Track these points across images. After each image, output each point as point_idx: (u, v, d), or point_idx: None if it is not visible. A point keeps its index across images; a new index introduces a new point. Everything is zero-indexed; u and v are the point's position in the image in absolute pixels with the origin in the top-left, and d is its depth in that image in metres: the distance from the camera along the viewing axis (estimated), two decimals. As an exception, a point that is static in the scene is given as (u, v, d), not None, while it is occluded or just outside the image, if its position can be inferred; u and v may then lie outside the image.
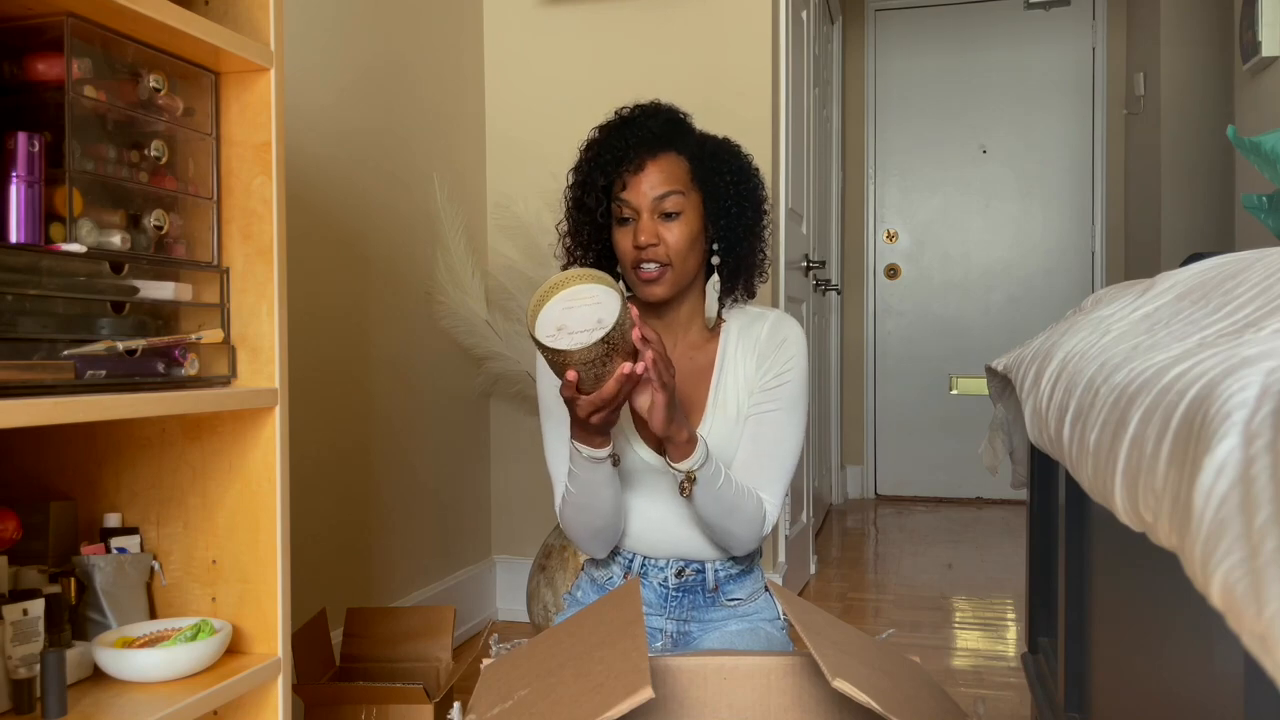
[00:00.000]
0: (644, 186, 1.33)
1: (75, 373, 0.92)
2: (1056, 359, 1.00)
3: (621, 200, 1.34)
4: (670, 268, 1.33)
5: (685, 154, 1.36)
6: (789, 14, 2.81)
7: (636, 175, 1.33)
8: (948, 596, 3.03)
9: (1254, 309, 0.71)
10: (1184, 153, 3.59)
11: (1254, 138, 1.46)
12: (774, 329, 1.41)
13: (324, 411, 2.06)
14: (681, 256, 1.34)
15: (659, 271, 1.33)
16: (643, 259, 1.33)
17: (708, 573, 1.40)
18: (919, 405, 4.73)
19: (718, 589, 1.41)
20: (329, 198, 2.09)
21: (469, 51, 2.71)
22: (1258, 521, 0.40)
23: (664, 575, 1.40)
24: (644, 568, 1.41)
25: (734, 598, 1.42)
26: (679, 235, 1.33)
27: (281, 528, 1.12)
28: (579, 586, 1.50)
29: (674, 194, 1.33)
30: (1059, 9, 4.47)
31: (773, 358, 1.39)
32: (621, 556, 1.43)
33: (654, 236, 1.32)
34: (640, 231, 1.32)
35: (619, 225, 1.36)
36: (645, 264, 1.33)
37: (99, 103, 0.97)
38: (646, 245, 1.32)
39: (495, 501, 2.82)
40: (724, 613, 1.41)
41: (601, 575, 1.45)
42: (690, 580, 1.40)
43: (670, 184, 1.33)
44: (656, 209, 1.33)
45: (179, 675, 1.03)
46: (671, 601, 1.40)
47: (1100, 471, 0.67)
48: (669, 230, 1.33)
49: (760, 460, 1.37)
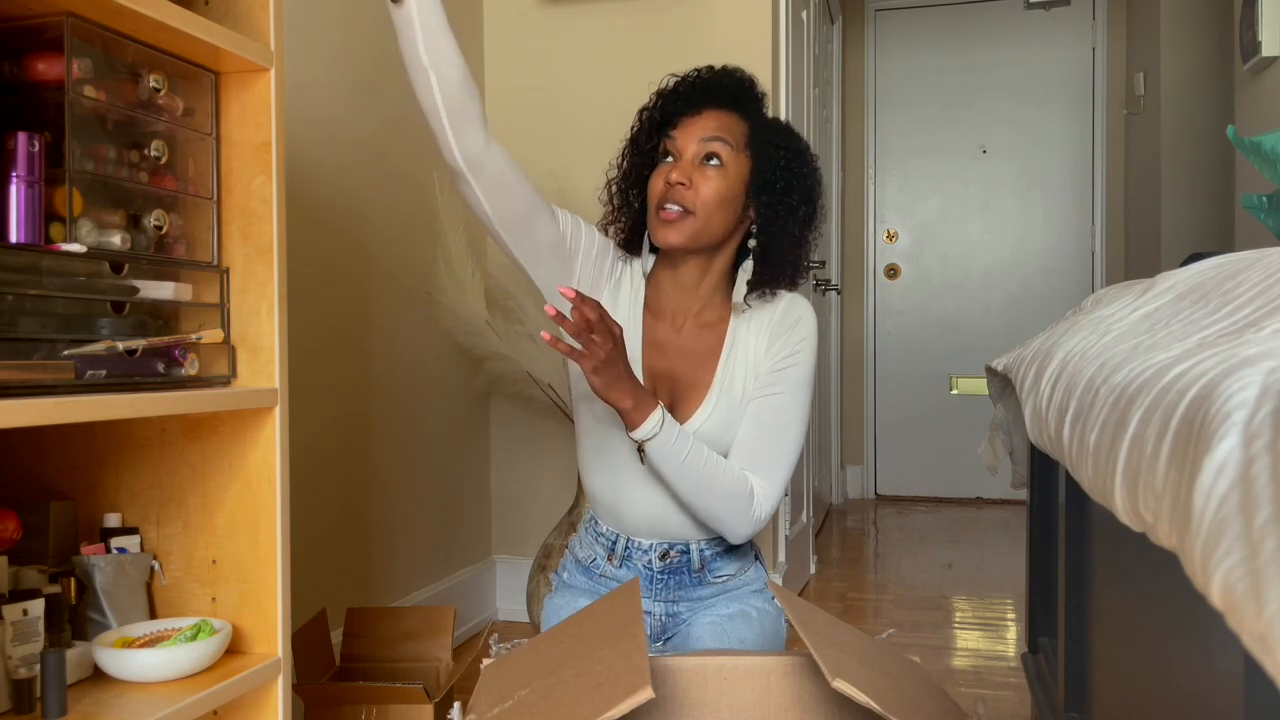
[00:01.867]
0: (695, 128, 1.30)
1: (75, 373, 0.92)
2: (1056, 359, 1.00)
3: (670, 138, 1.31)
4: (693, 216, 1.28)
5: (747, 118, 1.33)
6: (789, 14, 2.81)
7: (693, 118, 1.30)
8: (948, 596, 3.03)
9: (1254, 309, 0.71)
10: (1184, 153, 3.59)
11: (1254, 138, 1.46)
12: (788, 310, 1.37)
13: (324, 411, 2.06)
14: (708, 210, 1.28)
15: (679, 215, 1.28)
16: (668, 198, 1.28)
17: (693, 553, 1.38)
18: (919, 405, 4.73)
19: (704, 568, 1.38)
20: (329, 198, 2.09)
21: (469, 51, 2.71)
22: (1258, 521, 0.40)
23: (648, 558, 1.38)
24: (628, 549, 1.39)
25: (722, 574, 1.40)
26: (713, 186, 1.28)
27: (281, 528, 1.12)
28: (564, 568, 1.48)
29: (722, 141, 1.29)
30: (1059, 9, 4.47)
31: (784, 339, 1.35)
32: (604, 538, 1.41)
33: (686, 177, 1.28)
34: (675, 169, 1.28)
35: (660, 163, 1.32)
36: (669, 204, 1.28)
37: (99, 103, 0.97)
38: (675, 183, 1.27)
39: (495, 501, 2.82)
40: (712, 590, 1.39)
41: (585, 555, 1.44)
42: (675, 562, 1.38)
43: (723, 133, 1.29)
44: (700, 152, 1.29)
45: (179, 675, 1.03)
46: (657, 583, 1.38)
47: (1100, 471, 0.67)
48: (704, 178, 1.28)
49: (759, 442, 1.32)
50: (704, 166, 1.29)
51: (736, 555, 1.42)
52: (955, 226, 4.72)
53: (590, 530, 1.45)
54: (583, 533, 1.47)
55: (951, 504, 4.61)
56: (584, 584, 1.44)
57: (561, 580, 1.48)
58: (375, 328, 2.26)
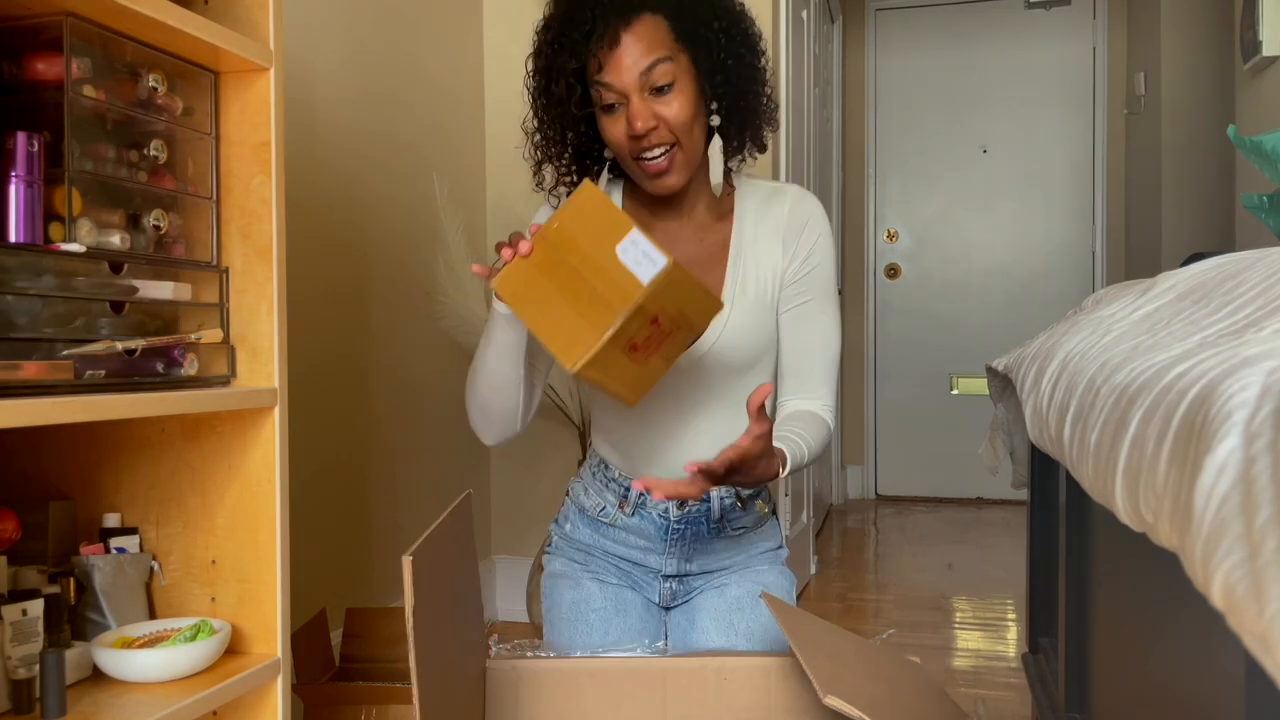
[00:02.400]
0: (625, 62, 1.14)
1: (74, 373, 0.92)
2: (1057, 359, 1.00)
3: (601, 84, 1.16)
4: (678, 147, 1.18)
5: (661, 11, 1.17)
6: (789, 14, 2.80)
7: (614, 51, 1.14)
8: (948, 597, 3.03)
9: (1255, 309, 0.71)
10: (1184, 153, 3.59)
11: (1254, 137, 1.46)
12: (795, 208, 1.27)
13: (324, 411, 2.06)
14: (687, 131, 1.18)
15: (667, 157, 1.18)
16: (644, 147, 1.17)
17: (713, 502, 1.30)
18: (919, 405, 4.73)
19: (723, 518, 1.31)
20: (329, 198, 2.09)
21: (469, 51, 2.71)
22: (1258, 521, 0.39)
23: (665, 506, 1.28)
24: (643, 497, 1.30)
25: (740, 526, 1.33)
26: (679, 108, 1.16)
27: (281, 528, 1.12)
28: (565, 518, 1.38)
29: (661, 62, 1.15)
30: (1059, 9, 4.47)
31: (798, 241, 1.26)
32: (616, 484, 1.32)
33: (651, 118, 1.15)
34: (634, 116, 1.15)
35: (604, 113, 1.18)
36: (648, 152, 1.17)
37: (98, 102, 0.97)
38: (645, 131, 1.16)
39: (495, 501, 2.82)
40: (725, 546, 1.33)
41: (593, 504, 1.33)
42: (695, 511, 1.29)
43: (654, 51, 1.15)
44: (645, 85, 1.15)
45: (178, 675, 1.03)
46: (673, 534, 1.30)
47: (1101, 471, 0.67)
48: (666, 105, 1.16)
49: (808, 362, 1.28)
50: (658, 96, 1.16)
51: (754, 508, 1.35)
52: (955, 226, 4.71)
53: (599, 475, 1.34)
54: (589, 478, 1.36)
55: (951, 504, 4.61)
56: (589, 537, 1.35)
57: (563, 532, 1.37)
58: (375, 328, 2.26)
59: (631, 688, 1.16)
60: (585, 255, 0.99)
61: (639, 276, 0.97)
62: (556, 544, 1.39)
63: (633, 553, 1.34)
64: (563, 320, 0.99)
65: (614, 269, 0.98)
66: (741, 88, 1.24)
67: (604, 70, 1.16)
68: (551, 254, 1.01)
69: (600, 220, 1.00)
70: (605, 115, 1.19)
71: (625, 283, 0.97)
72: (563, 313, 0.99)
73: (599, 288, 0.98)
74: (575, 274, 0.99)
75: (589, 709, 1.16)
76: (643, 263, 0.97)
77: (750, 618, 1.30)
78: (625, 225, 0.99)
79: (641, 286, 0.96)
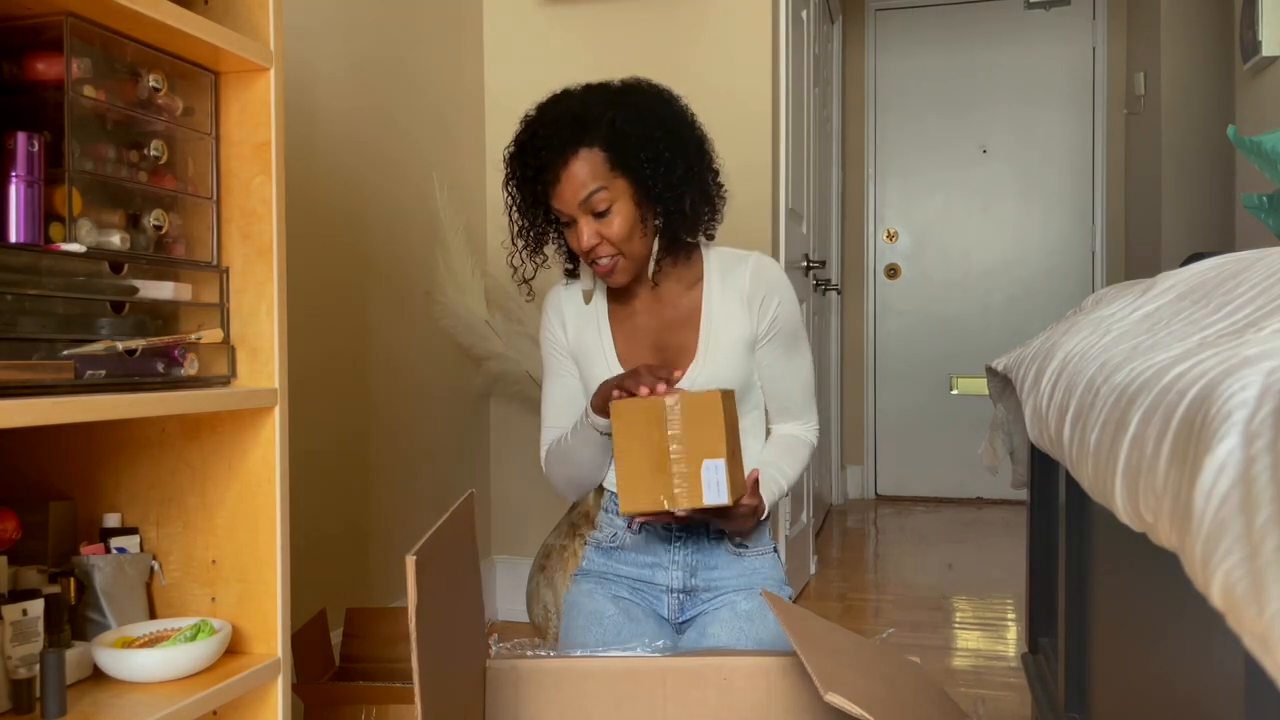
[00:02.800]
0: (566, 194, 1.35)
1: (75, 373, 0.92)
2: (1057, 359, 1.00)
3: (555, 210, 1.38)
4: (621, 256, 1.38)
5: (597, 144, 1.34)
6: (789, 14, 2.80)
7: (558, 186, 1.35)
8: (948, 596, 3.03)
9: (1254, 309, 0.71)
10: (1184, 153, 3.59)
11: (1254, 137, 1.46)
12: (754, 278, 1.44)
13: (324, 411, 2.06)
14: (626, 243, 1.37)
15: (611, 264, 1.38)
16: (593, 257, 1.38)
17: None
18: (919, 405, 4.73)
19: (721, 531, 1.43)
20: (329, 197, 2.09)
21: (469, 51, 2.71)
22: (1258, 521, 0.40)
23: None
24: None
25: (740, 543, 1.44)
26: (617, 227, 1.35)
27: (281, 528, 1.12)
28: (585, 557, 1.52)
29: (597, 192, 1.34)
30: (1059, 9, 4.47)
31: (760, 307, 1.43)
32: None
33: (595, 236, 1.36)
34: (579, 235, 1.36)
35: (565, 227, 1.40)
36: (597, 260, 1.38)
37: (98, 102, 0.97)
38: (590, 247, 1.36)
39: (495, 501, 2.82)
40: (729, 562, 1.43)
41: (605, 535, 1.48)
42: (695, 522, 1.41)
43: (590, 183, 1.34)
44: (587, 210, 1.35)
45: (178, 675, 1.03)
46: (676, 544, 1.43)
47: (1100, 471, 0.67)
48: (606, 226, 1.35)
49: (791, 398, 1.49)
50: (599, 219, 1.36)
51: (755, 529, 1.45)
52: (955, 226, 4.71)
53: (610, 508, 1.50)
54: (601, 517, 1.52)
55: (951, 504, 4.61)
56: (603, 564, 1.47)
57: (581, 570, 1.51)
58: (375, 328, 2.26)
59: (631, 687, 1.16)
60: (683, 443, 1.24)
61: (704, 494, 1.23)
62: (575, 579, 1.52)
63: (642, 571, 1.45)
64: (639, 472, 1.25)
65: (693, 473, 1.24)
66: (680, 190, 1.39)
67: (552, 199, 1.37)
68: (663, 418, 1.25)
69: (709, 427, 1.23)
70: (566, 228, 1.40)
71: (692, 489, 1.23)
72: (642, 466, 1.25)
73: (676, 473, 1.24)
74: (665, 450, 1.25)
75: (589, 709, 1.16)
76: (712, 487, 1.23)
77: (760, 626, 1.37)
78: (720, 450, 1.23)
79: (700, 503, 1.23)
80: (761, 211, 2.61)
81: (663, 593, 1.43)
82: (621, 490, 1.26)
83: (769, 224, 2.62)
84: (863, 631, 2.59)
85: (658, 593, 1.44)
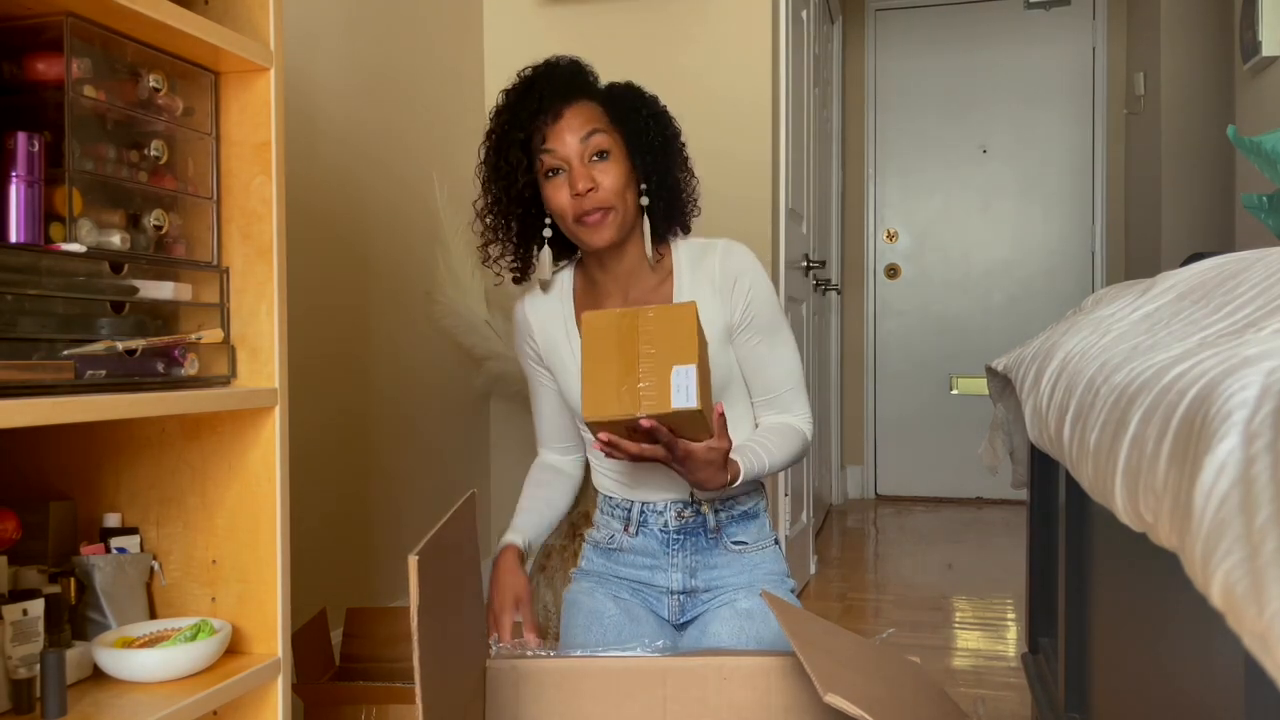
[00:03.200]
0: (568, 133, 1.32)
1: (75, 373, 0.92)
2: (1057, 359, 1.00)
3: (547, 152, 1.33)
4: (614, 210, 1.33)
5: (596, 99, 1.37)
6: (789, 14, 2.80)
7: (557, 124, 1.32)
8: (948, 596, 3.03)
9: (1254, 309, 0.71)
10: (1184, 153, 3.59)
11: (1254, 137, 1.46)
12: (724, 264, 1.40)
13: (324, 411, 2.06)
14: (620, 195, 1.33)
15: (602, 216, 1.33)
16: (584, 207, 1.32)
17: (706, 515, 1.41)
18: (919, 405, 4.73)
19: (720, 530, 1.42)
20: (329, 198, 2.09)
21: (469, 51, 2.71)
22: (1258, 521, 0.40)
23: (664, 519, 1.41)
24: (643, 515, 1.42)
25: (738, 541, 1.43)
26: (614, 175, 1.33)
27: (281, 527, 1.12)
28: (584, 556, 1.51)
29: (598, 132, 1.33)
30: (1059, 9, 4.47)
31: (732, 294, 1.39)
32: (619, 509, 1.45)
33: (590, 180, 1.31)
34: (576, 179, 1.31)
35: (548, 180, 1.34)
36: (588, 216, 1.32)
37: (99, 102, 0.97)
38: (586, 191, 1.31)
39: (495, 501, 2.82)
40: (729, 560, 1.42)
41: (603, 536, 1.47)
42: (691, 523, 1.41)
43: (591, 123, 1.33)
44: (585, 152, 1.32)
45: (179, 675, 1.03)
46: (674, 545, 1.41)
47: (1100, 471, 0.67)
48: (603, 172, 1.32)
49: (778, 389, 1.43)
50: (596, 163, 1.33)
51: (752, 521, 1.45)
52: (955, 226, 4.71)
53: (605, 508, 1.48)
54: (597, 517, 1.50)
55: (951, 504, 4.61)
56: (602, 565, 1.47)
57: (580, 569, 1.50)
58: (375, 327, 2.26)
59: (631, 687, 1.16)
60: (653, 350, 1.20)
61: (673, 399, 1.17)
62: (575, 578, 1.50)
63: (641, 573, 1.44)
64: (605, 380, 1.19)
65: (661, 379, 1.19)
66: (666, 170, 1.40)
67: (549, 140, 1.33)
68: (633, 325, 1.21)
69: (681, 335, 1.19)
70: (550, 181, 1.34)
71: (660, 394, 1.18)
72: (609, 374, 1.19)
73: (644, 382, 1.19)
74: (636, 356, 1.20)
75: (589, 708, 1.16)
76: (680, 391, 1.18)
77: (761, 625, 1.36)
78: (691, 356, 1.19)
79: (668, 407, 1.17)
80: (761, 211, 2.61)
81: (663, 594, 1.43)
82: (586, 396, 1.19)
83: (769, 224, 2.62)
84: (863, 631, 2.60)
85: (658, 594, 1.43)
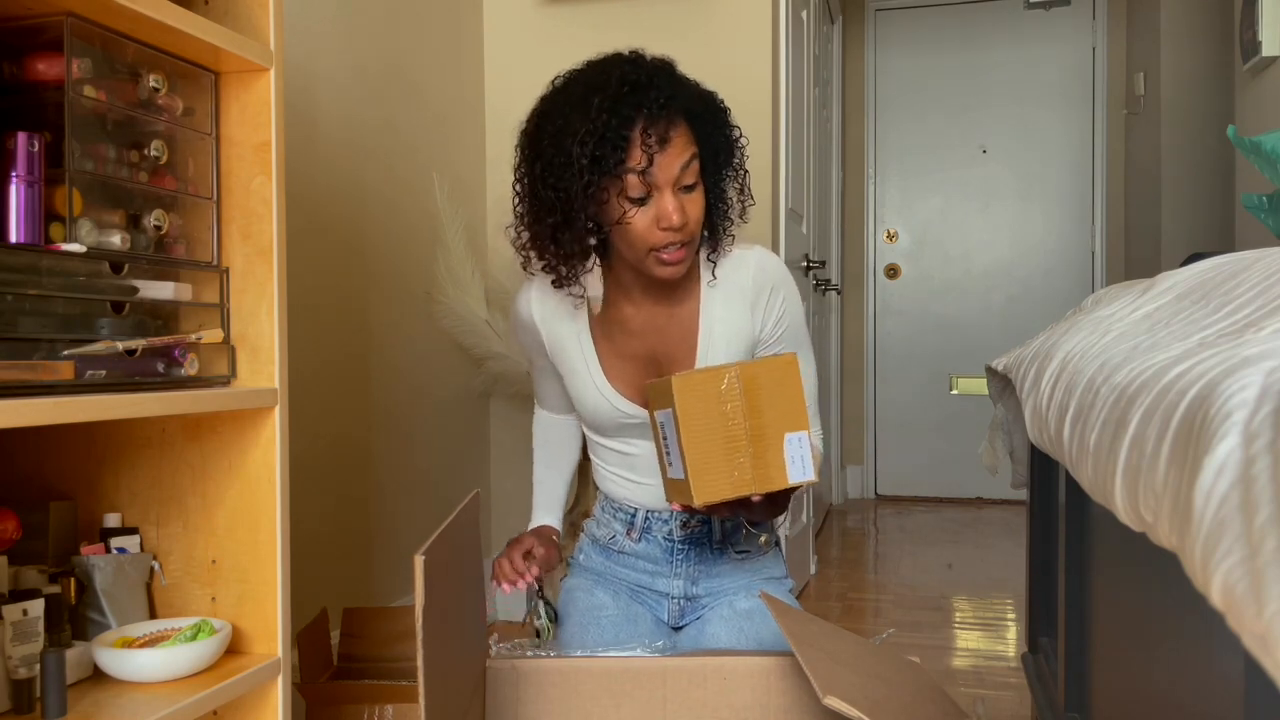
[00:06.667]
0: (670, 159, 1.17)
1: (75, 373, 0.92)
2: (1057, 359, 1.00)
3: (640, 173, 1.17)
4: (693, 243, 1.23)
5: (686, 115, 1.21)
6: (789, 14, 2.80)
7: (664, 149, 1.17)
8: (948, 596, 3.03)
9: (1254, 309, 0.71)
10: (1184, 153, 3.59)
11: (1254, 137, 1.46)
12: (758, 277, 1.31)
13: (324, 411, 2.06)
14: (699, 229, 1.24)
15: (684, 252, 1.21)
16: (670, 240, 1.20)
17: (713, 524, 1.38)
18: (919, 405, 4.73)
19: (725, 540, 1.40)
20: (329, 198, 2.09)
21: (469, 51, 2.71)
22: (1258, 521, 0.40)
23: (669, 528, 1.39)
24: (648, 522, 1.40)
25: (742, 550, 1.41)
26: (699, 205, 1.22)
27: (281, 527, 1.12)
28: (580, 550, 1.48)
29: (695, 159, 1.20)
30: (1059, 9, 4.47)
31: (765, 307, 1.32)
32: (623, 513, 1.42)
33: (683, 214, 1.18)
34: (670, 212, 1.18)
35: (633, 204, 1.19)
36: (671, 246, 1.20)
37: (99, 102, 0.97)
38: (679, 225, 1.18)
39: (495, 501, 2.82)
40: (731, 568, 1.40)
41: (603, 534, 1.44)
42: (696, 533, 1.38)
43: (690, 149, 1.19)
44: (679, 181, 1.19)
45: (179, 675, 1.03)
46: (678, 555, 1.39)
47: (1100, 471, 0.67)
48: (691, 204, 1.20)
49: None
50: (686, 194, 1.21)
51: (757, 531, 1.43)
52: (955, 226, 4.71)
53: (607, 509, 1.45)
54: (598, 513, 1.47)
55: (951, 504, 4.61)
56: (601, 563, 1.44)
57: (577, 562, 1.47)
58: (375, 328, 2.26)
59: (631, 687, 1.16)
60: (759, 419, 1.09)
61: (788, 473, 1.09)
62: (573, 569, 1.48)
63: (641, 577, 1.42)
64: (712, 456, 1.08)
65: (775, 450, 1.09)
66: (725, 184, 1.29)
67: (653, 165, 1.16)
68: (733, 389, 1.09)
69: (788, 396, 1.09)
70: (635, 207, 1.19)
71: (774, 468, 1.08)
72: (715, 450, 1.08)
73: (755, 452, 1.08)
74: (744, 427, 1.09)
75: (589, 708, 1.16)
76: (796, 463, 1.09)
77: (760, 625, 1.35)
78: (803, 420, 1.09)
79: (786, 483, 1.09)
80: (761, 211, 2.61)
81: (663, 599, 1.41)
82: (694, 477, 1.07)
83: (769, 224, 2.63)
84: (863, 631, 2.60)
85: (658, 598, 1.42)
